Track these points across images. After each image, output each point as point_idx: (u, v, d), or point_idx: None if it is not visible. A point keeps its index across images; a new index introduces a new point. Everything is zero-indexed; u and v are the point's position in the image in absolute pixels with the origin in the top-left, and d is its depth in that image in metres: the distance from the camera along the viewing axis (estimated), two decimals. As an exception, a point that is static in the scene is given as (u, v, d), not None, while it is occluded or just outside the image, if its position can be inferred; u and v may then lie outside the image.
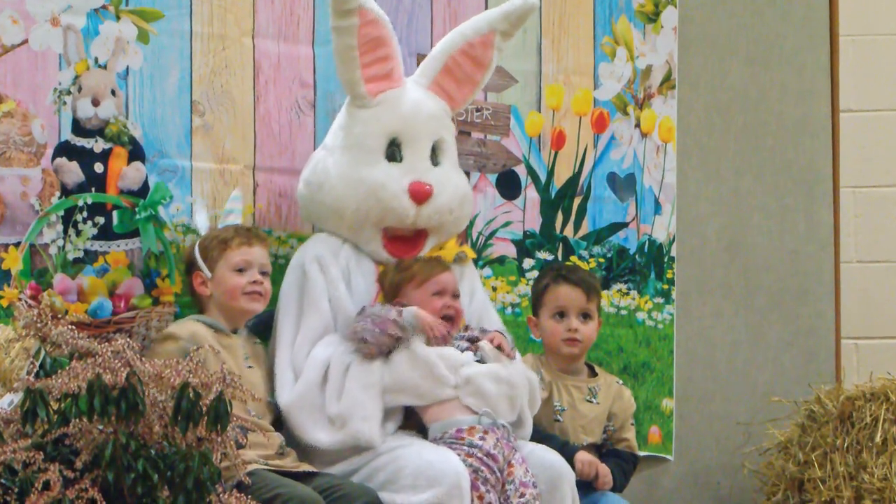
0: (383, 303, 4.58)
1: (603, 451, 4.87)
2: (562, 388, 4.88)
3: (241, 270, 4.47)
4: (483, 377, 4.48)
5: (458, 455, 4.35)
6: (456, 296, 4.62)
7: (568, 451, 4.70)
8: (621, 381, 5.08)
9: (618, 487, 4.81)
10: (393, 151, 4.67)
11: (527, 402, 4.59)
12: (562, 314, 4.88)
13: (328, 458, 4.47)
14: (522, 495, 4.35)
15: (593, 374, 4.97)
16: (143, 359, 3.72)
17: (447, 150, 4.77)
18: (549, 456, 4.54)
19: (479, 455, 4.34)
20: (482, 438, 4.38)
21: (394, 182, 4.60)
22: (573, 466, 4.64)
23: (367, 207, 4.60)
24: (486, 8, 5.17)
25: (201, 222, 4.67)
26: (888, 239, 5.55)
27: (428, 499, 4.22)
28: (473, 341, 4.57)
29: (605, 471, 4.76)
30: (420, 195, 4.60)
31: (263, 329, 4.66)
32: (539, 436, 4.72)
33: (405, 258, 4.67)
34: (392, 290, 4.59)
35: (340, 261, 4.66)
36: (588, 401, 4.89)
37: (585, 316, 4.87)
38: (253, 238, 4.53)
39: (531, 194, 5.36)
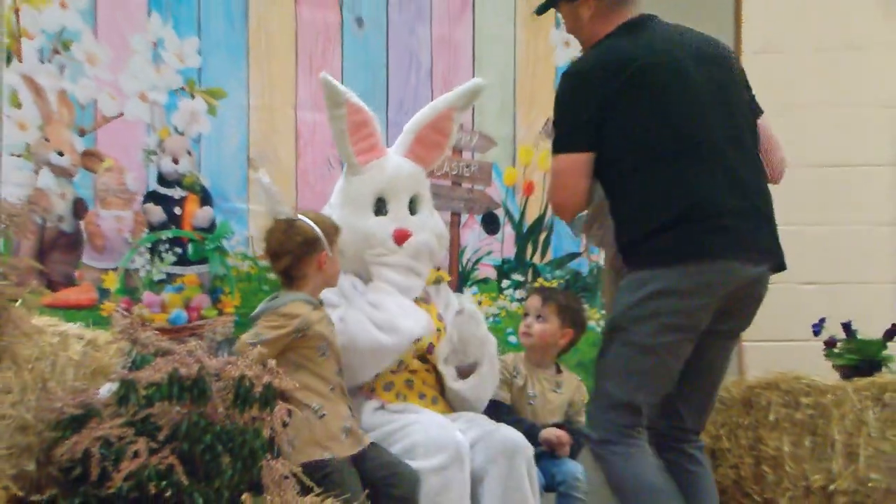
0: None
1: (563, 429, 4.81)
2: (535, 380, 4.87)
3: None
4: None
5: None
6: None
7: (535, 431, 4.68)
8: (580, 378, 5.04)
9: (572, 455, 4.79)
10: (379, 206, 4.61)
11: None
12: (525, 315, 4.91)
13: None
14: None
15: (559, 371, 4.94)
16: (209, 356, 3.72)
17: (423, 202, 4.70)
18: (509, 434, 4.47)
19: None
20: None
21: (381, 230, 4.57)
22: (537, 443, 4.62)
23: (362, 250, 4.56)
24: (474, 66, 5.21)
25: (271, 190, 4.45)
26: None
27: (439, 462, 4.22)
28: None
29: (567, 439, 4.75)
30: (401, 238, 4.56)
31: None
32: (513, 419, 4.72)
33: None
34: None
35: (343, 284, 4.52)
36: (554, 391, 4.89)
37: (540, 318, 4.86)
38: None
39: (508, 230, 5.37)
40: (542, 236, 5.47)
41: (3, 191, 4.33)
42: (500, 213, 5.37)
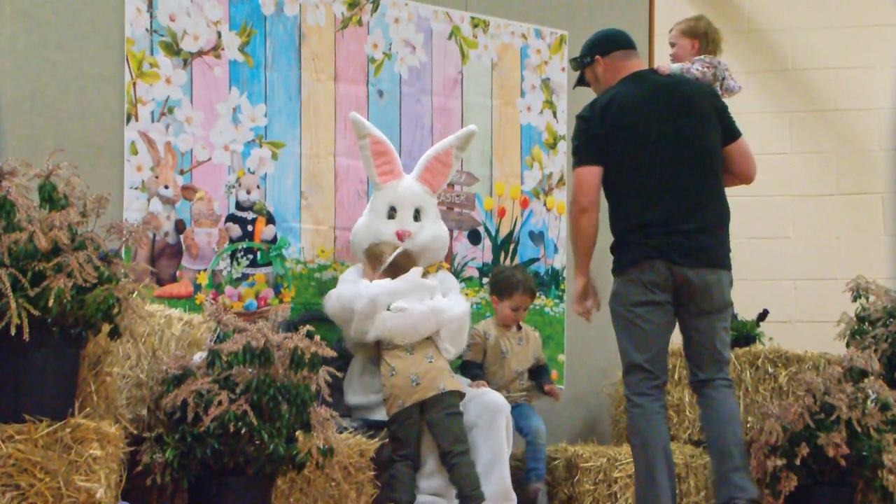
0: None
1: (533, 369, 4.80)
2: (504, 339, 4.73)
3: None
4: None
5: None
6: None
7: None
8: (533, 328, 4.93)
9: (546, 380, 4.81)
10: (392, 213, 4.63)
11: None
12: (515, 309, 4.76)
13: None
14: None
15: (519, 328, 4.80)
16: (272, 332, 3.67)
17: (427, 213, 4.69)
18: (495, 397, 4.41)
19: None
20: None
21: (389, 230, 4.61)
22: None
23: (374, 243, 4.55)
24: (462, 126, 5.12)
25: None
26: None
27: None
28: None
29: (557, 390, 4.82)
30: (401, 236, 4.59)
31: (310, 321, 4.26)
32: (478, 373, 4.66)
33: None
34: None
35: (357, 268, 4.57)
36: (519, 344, 4.77)
37: (526, 308, 4.83)
38: None
39: (487, 243, 5.29)
40: (511, 247, 5.37)
41: (125, 214, 4.33)
42: (481, 230, 5.30)
